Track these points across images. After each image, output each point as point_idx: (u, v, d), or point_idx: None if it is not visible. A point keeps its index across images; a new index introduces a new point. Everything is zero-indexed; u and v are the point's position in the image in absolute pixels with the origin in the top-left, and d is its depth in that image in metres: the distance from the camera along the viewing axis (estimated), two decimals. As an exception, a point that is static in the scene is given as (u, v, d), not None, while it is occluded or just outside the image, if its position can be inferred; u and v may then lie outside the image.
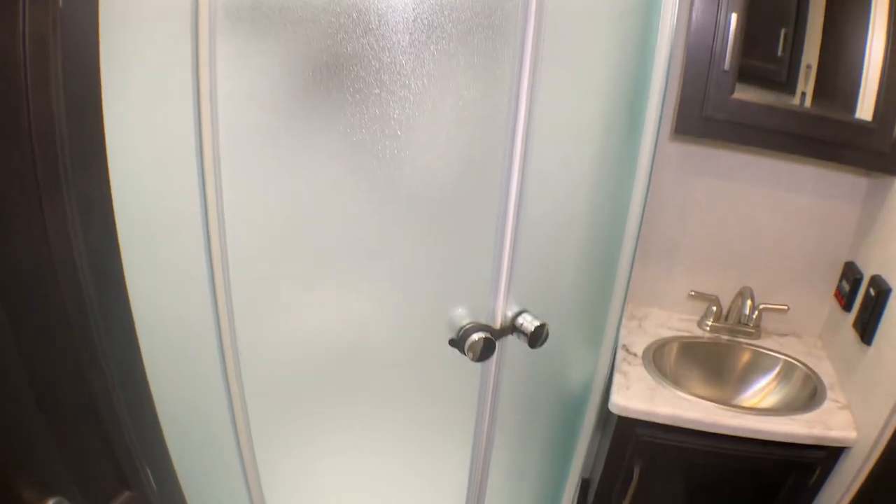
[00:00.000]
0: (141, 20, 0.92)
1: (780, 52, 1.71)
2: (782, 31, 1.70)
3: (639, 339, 1.80)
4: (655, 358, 1.73)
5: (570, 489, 1.76)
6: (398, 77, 0.98)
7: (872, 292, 1.60)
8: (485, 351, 1.08)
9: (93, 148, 0.86)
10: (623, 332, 1.82)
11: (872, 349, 1.59)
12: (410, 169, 1.05)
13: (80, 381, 0.82)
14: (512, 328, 1.15)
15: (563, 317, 1.35)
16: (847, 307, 1.79)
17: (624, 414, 1.52)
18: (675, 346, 1.84)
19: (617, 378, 1.59)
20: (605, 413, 1.72)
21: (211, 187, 0.96)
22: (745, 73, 1.62)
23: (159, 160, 0.98)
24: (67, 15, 0.75)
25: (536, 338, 1.14)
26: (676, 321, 1.97)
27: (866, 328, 1.60)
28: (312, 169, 1.03)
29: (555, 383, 1.52)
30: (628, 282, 1.53)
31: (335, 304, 1.13)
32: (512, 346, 1.20)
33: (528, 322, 1.14)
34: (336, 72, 0.96)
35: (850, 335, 1.73)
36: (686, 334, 1.90)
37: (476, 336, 1.07)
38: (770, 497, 1.65)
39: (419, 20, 0.96)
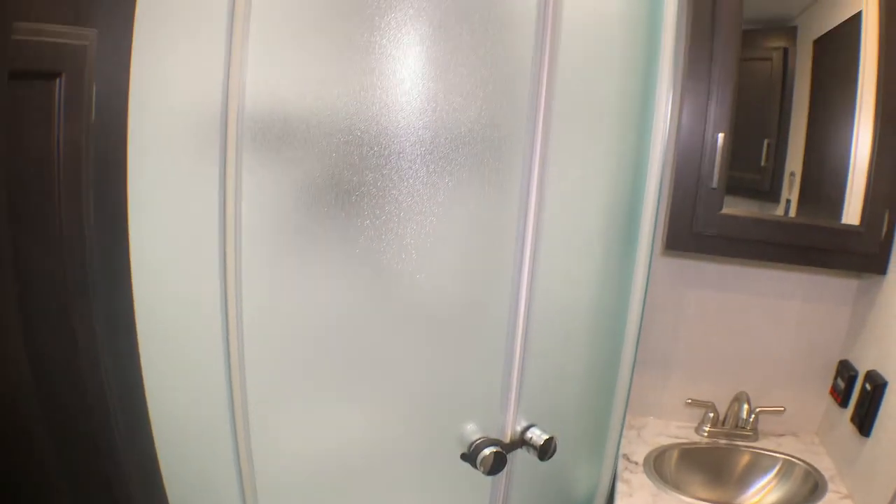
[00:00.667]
0: (169, 137, 0.98)
1: (763, 162, 1.81)
2: (765, 142, 1.81)
3: (639, 448, 1.82)
4: (656, 465, 1.75)
5: None
6: (415, 203, 1.04)
7: (868, 387, 1.64)
8: (496, 465, 1.10)
9: (118, 255, 0.91)
10: (623, 441, 1.84)
11: (871, 440, 1.62)
12: (423, 288, 1.09)
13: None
14: (521, 442, 1.18)
15: (568, 429, 1.38)
16: (843, 403, 1.82)
17: (629, 523, 1.53)
18: (674, 453, 1.86)
19: (620, 487, 1.61)
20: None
21: (232, 303, 1.01)
22: (730, 184, 1.70)
23: (182, 270, 1.03)
24: (98, 127, 0.81)
25: (545, 451, 1.17)
26: (674, 429, 2.00)
27: (864, 421, 1.63)
28: (329, 286, 1.08)
29: (561, 494, 1.53)
30: (629, 393, 1.57)
31: (347, 418, 1.16)
32: (519, 458, 1.22)
33: (537, 436, 1.17)
34: (357, 197, 1.02)
35: (848, 429, 1.76)
36: (685, 441, 1.92)
37: (487, 451, 1.09)
38: None
39: (435, 152, 1.03)
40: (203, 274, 1.02)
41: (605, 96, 1.31)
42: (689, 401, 1.98)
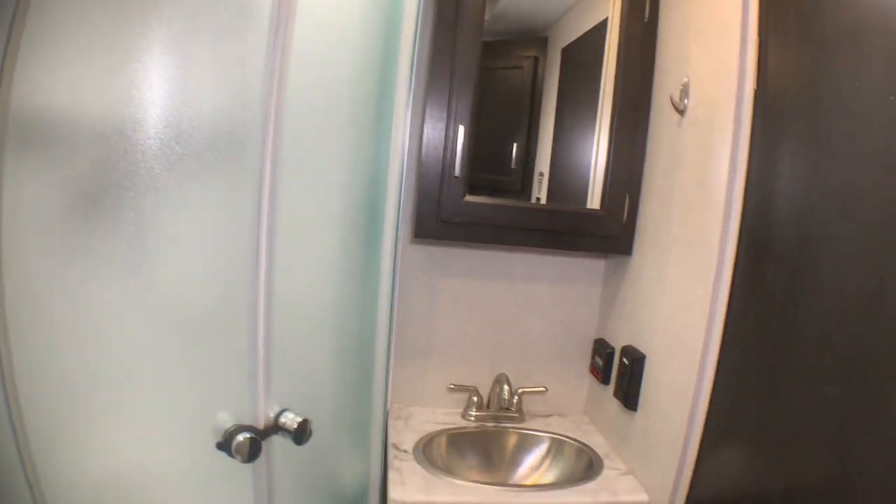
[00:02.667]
0: None
1: (513, 165, 1.91)
2: (515, 145, 1.91)
3: (407, 437, 1.81)
4: (426, 452, 1.74)
5: None
6: (159, 205, 0.99)
7: (626, 361, 1.75)
8: (252, 450, 1.03)
9: None
10: (391, 432, 1.82)
11: (639, 414, 1.72)
12: (169, 289, 1.02)
13: None
14: (276, 427, 1.12)
15: (327, 417, 1.34)
16: (605, 380, 1.94)
17: (404, 509, 1.50)
18: (443, 439, 1.86)
19: (391, 475, 1.57)
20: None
21: None
22: (482, 186, 1.78)
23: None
24: None
25: (301, 434, 1.12)
26: (441, 415, 2.01)
27: (628, 396, 1.74)
28: (86, 291, 0.97)
29: (331, 485, 1.47)
30: (387, 381, 1.56)
31: (120, 433, 1.04)
32: (280, 447, 1.15)
33: (291, 420, 1.12)
34: (107, 200, 0.95)
35: (614, 405, 1.87)
36: (452, 426, 1.93)
37: (241, 437, 1.03)
38: None
39: (178, 154, 0.98)
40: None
41: (342, 96, 1.33)
42: (452, 386, 2.00)
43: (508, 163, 1.92)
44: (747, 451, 1.29)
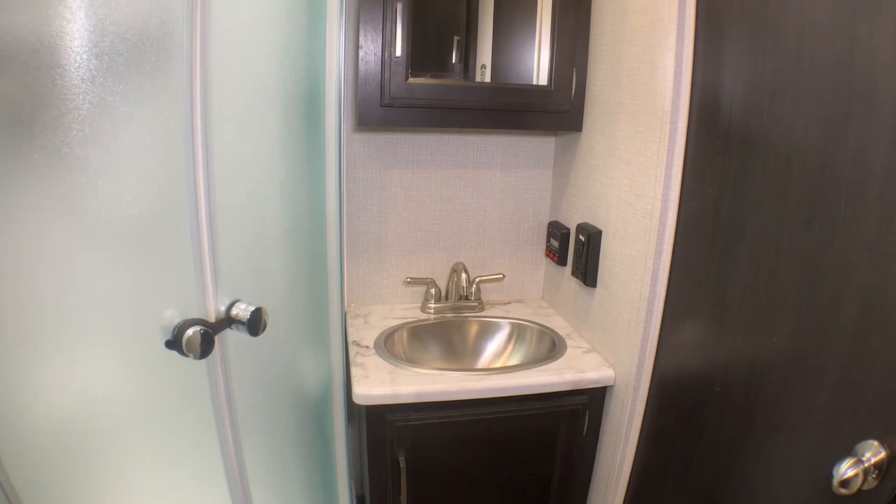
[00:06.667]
0: None
1: (454, 60, 1.82)
2: (455, 39, 1.81)
3: (368, 334, 1.78)
4: (388, 346, 1.71)
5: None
6: (92, 118, 0.89)
7: (583, 238, 1.72)
8: (204, 345, 0.97)
9: None
10: (350, 330, 1.79)
11: (598, 289, 1.70)
12: (100, 201, 0.93)
13: None
14: (229, 320, 1.06)
15: (282, 310, 1.28)
16: (561, 262, 1.92)
17: (370, 403, 1.47)
18: (404, 333, 1.84)
19: (354, 372, 1.54)
20: (355, 411, 1.67)
21: None
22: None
23: None
24: None
25: (255, 324, 1.06)
26: (400, 311, 1.98)
27: (586, 272, 1.72)
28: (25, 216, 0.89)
29: (293, 386, 1.43)
30: (341, 276, 1.51)
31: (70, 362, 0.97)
32: (238, 345, 1.10)
33: (243, 310, 1.06)
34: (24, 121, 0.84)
35: (573, 284, 1.85)
36: (412, 320, 1.91)
37: (191, 331, 0.96)
38: (550, 452, 1.68)
39: (106, 63, 0.88)
40: None
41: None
42: (409, 279, 1.97)
43: (449, 58, 1.84)
44: (711, 321, 1.29)
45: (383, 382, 1.49)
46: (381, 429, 1.52)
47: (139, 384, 1.05)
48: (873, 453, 0.88)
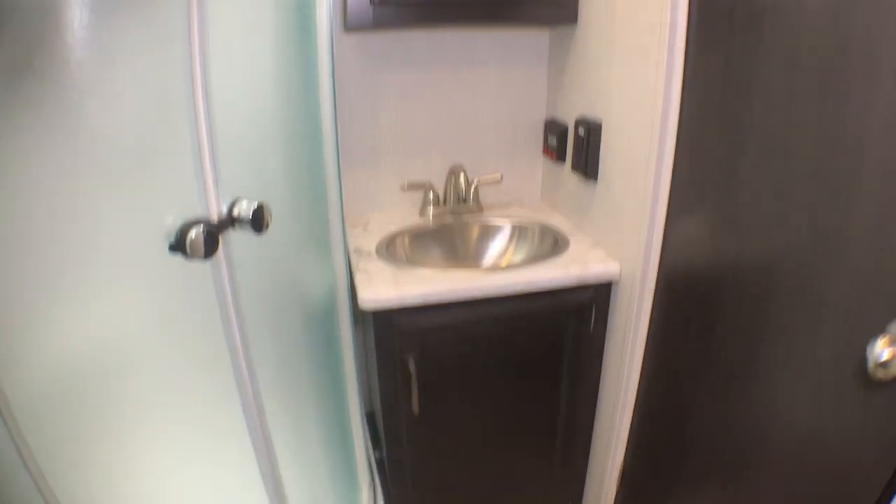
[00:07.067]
0: None
1: None
2: None
3: (368, 241, 1.75)
4: (389, 251, 1.70)
5: (355, 414, 1.69)
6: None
7: (582, 132, 1.68)
8: (208, 244, 0.95)
9: None
10: (350, 239, 1.77)
11: (600, 183, 1.66)
12: (97, 125, 0.90)
13: None
14: (231, 219, 1.03)
15: (283, 213, 1.25)
16: (560, 158, 1.89)
17: (376, 307, 1.46)
18: (405, 238, 1.82)
19: (358, 277, 1.52)
20: (360, 318, 1.66)
21: None
22: None
23: None
24: None
25: (259, 220, 1.04)
26: (399, 218, 1.95)
27: (587, 166, 1.68)
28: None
29: (298, 292, 1.41)
30: (339, 181, 1.47)
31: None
32: (241, 246, 1.08)
33: (245, 208, 1.04)
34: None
35: (574, 180, 1.82)
36: (412, 226, 1.88)
37: (194, 232, 0.94)
38: (559, 350, 1.68)
39: None
40: None
41: None
42: (406, 184, 1.94)
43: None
44: (721, 207, 1.26)
45: (388, 286, 1.48)
46: (388, 333, 1.51)
47: (146, 301, 1.03)
48: (912, 336, 0.83)
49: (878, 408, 0.92)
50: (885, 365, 0.84)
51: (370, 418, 2.07)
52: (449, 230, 1.90)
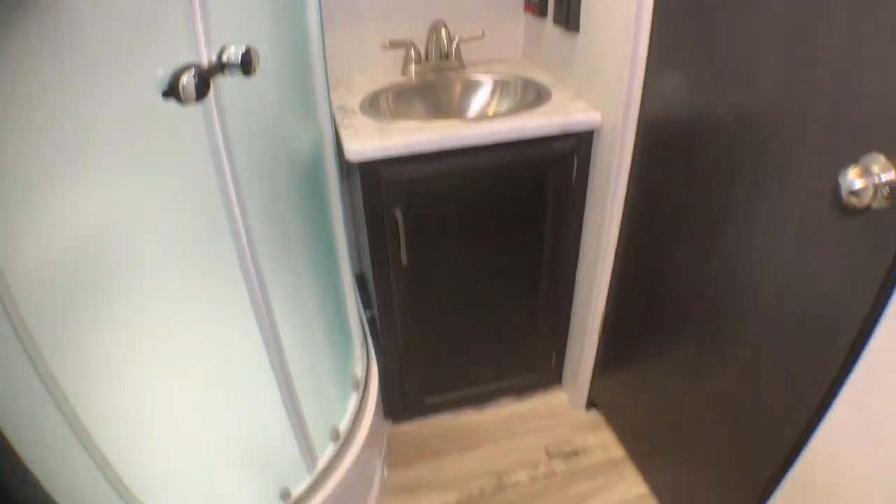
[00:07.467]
0: None
1: None
2: None
3: (352, 99, 1.77)
4: (373, 107, 1.72)
5: (345, 271, 1.74)
6: None
7: None
8: (199, 86, 0.97)
9: None
10: (334, 97, 1.78)
11: (582, 35, 1.67)
12: None
13: None
14: (220, 66, 1.05)
15: (268, 68, 1.26)
16: (542, 13, 1.88)
17: (363, 158, 1.49)
18: (389, 95, 1.84)
19: (344, 133, 1.55)
20: (348, 172, 1.69)
21: None
22: None
23: None
24: None
25: (247, 64, 1.06)
26: (381, 76, 1.96)
27: (569, 16, 1.68)
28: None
29: (286, 146, 1.43)
30: (322, 37, 1.46)
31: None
32: (230, 90, 1.10)
33: (234, 52, 1.05)
34: None
35: (556, 33, 1.82)
36: (394, 83, 1.90)
37: (186, 77, 0.96)
38: (541, 200, 1.73)
39: None
40: None
41: None
42: (387, 42, 1.93)
43: None
44: (695, 70, 1.28)
45: (373, 138, 1.51)
46: (375, 185, 1.56)
47: (144, 165, 1.07)
48: (881, 168, 0.86)
49: (853, 239, 0.96)
50: (857, 193, 0.87)
51: (360, 279, 2.14)
52: (432, 86, 1.92)
